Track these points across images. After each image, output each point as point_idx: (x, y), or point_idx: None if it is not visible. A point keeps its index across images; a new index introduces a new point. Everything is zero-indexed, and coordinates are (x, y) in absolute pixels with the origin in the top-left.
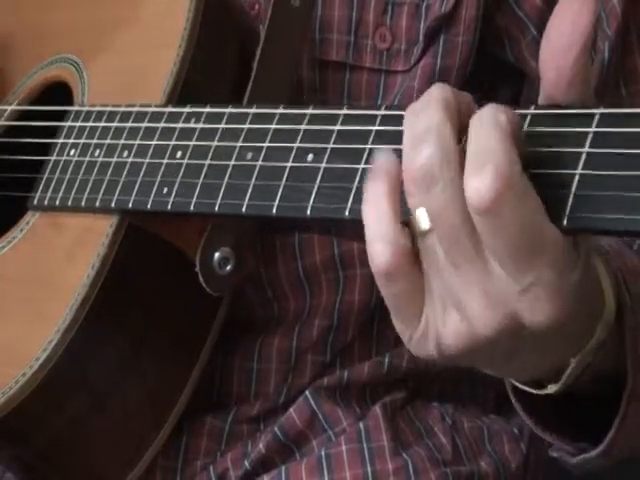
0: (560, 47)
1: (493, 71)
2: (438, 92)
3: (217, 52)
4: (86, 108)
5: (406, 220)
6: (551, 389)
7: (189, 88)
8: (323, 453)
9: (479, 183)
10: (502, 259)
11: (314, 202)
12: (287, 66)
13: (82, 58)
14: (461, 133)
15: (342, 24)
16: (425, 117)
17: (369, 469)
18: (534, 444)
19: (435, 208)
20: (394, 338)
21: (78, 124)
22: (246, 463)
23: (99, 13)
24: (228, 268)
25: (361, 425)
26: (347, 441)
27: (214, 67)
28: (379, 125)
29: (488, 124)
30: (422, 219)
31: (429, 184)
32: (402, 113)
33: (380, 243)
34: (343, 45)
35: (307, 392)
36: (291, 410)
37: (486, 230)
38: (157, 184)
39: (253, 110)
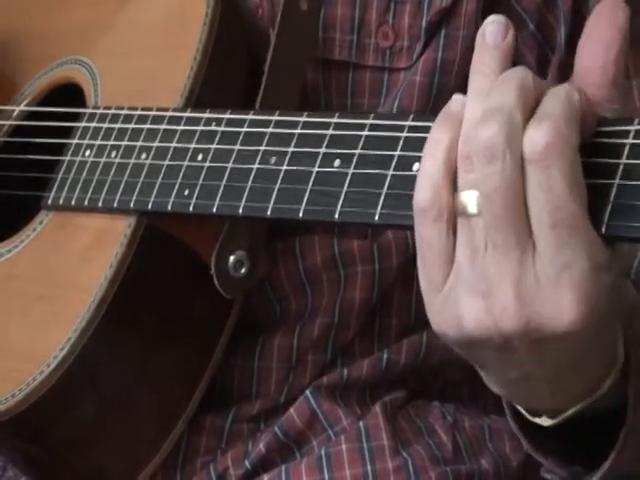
0: (602, 44)
1: None
2: (519, 74)
3: (231, 56)
4: (101, 110)
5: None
6: (545, 422)
7: (206, 92)
8: (323, 452)
9: (535, 134)
10: (545, 228)
11: (342, 207)
12: (297, 69)
13: (93, 60)
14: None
15: (345, 23)
16: (499, 95)
17: (369, 468)
18: None
19: (489, 187)
20: (394, 335)
21: (93, 125)
22: (246, 463)
23: (109, 15)
24: (243, 271)
25: (361, 424)
26: (347, 440)
27: (228, 71)
28: (407, 132)
29: (560, 95)
30: (470, 203)
31: (489, 160)
32: (430, 124)
33: (427, 183)
34: (346, 44)
35: (307, 391)
36: (291, 410)
37: (535, 186)
38: (178, 186)
39: (276, 117)
